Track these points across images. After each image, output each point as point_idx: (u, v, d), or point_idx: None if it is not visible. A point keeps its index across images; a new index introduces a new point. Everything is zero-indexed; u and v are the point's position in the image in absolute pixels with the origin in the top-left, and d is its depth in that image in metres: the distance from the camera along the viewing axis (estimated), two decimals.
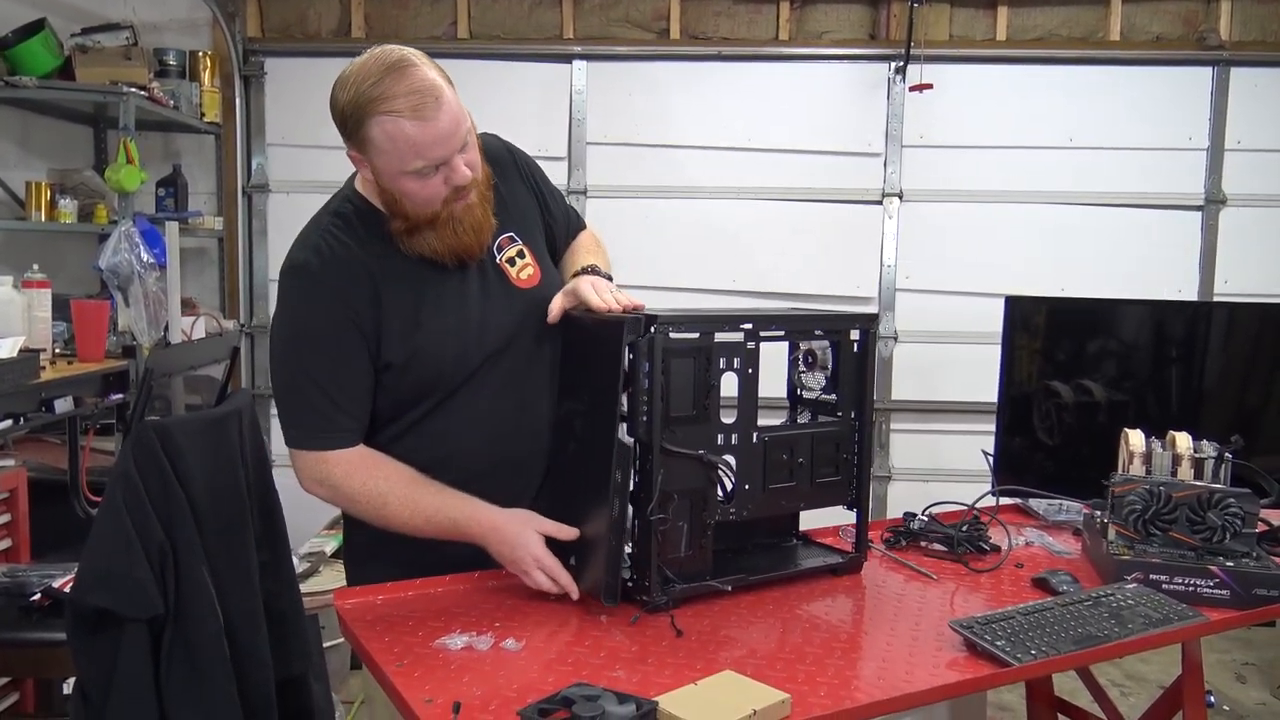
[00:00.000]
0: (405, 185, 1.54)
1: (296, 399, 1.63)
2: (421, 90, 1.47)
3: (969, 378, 4.15)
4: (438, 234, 1.59)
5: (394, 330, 1.61)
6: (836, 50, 4.24)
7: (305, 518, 3.85)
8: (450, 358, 1.64)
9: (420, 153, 1.50)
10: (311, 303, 1.60)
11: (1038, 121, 4.21)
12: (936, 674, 1.41)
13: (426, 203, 1.56)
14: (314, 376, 1.60)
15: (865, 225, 4.26)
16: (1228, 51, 4.16)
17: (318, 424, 1.61)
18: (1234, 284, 4.20)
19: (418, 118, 1.47)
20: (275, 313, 1.68)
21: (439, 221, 1.58)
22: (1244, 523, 1.78)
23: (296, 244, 1.65)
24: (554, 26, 4.28)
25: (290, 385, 1.63)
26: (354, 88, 1.51)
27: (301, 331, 1.62)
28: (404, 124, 1.47)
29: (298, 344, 1.62)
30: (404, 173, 1.53)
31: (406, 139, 1.48)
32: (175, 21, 4.27)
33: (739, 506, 1.68)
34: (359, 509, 1.64)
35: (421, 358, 1.62)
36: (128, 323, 3.30)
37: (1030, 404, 2.35)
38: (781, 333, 1.74)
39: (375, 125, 1.49)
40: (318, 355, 1.60)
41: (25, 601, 2.21)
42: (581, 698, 1.23)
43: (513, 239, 1.73)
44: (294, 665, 1.88)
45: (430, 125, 1.48)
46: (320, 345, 1.60)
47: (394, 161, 1.52)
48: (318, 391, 1.60)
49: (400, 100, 1.47)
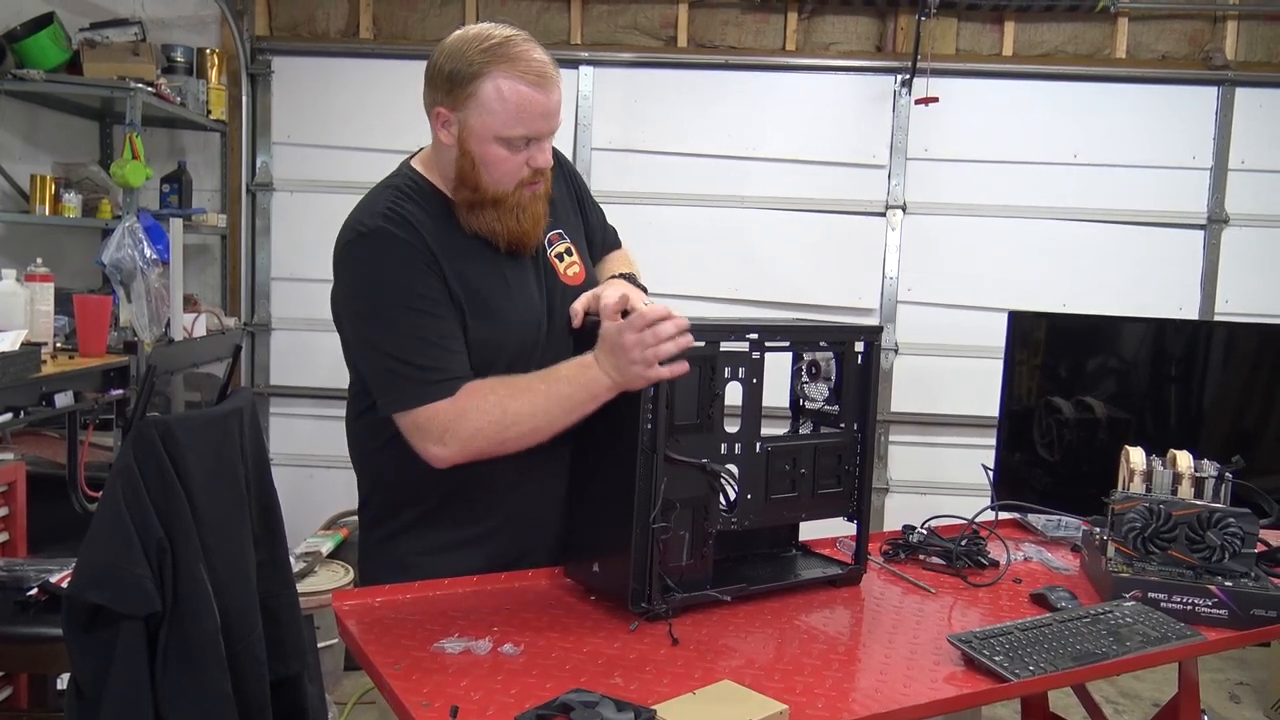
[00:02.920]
0: (493, 151, 1.56)
1: (397, 360, 1.57)
2: (545, 64, 1.55)
3: (968, 391, 4.16)
4: (500, 215, 1.61)
5: (462, 305, 1.61)
6: (843, 62, 4.25)
7: (302, 518, 3.86)
8: (515, 344, 1.64)
9: (525, 120, 1.54)
10: (395, 260, 1.57)
11: (1042, 137, 4.22)
12: (934, 688, 1.41)
13: (504, 177, 1.58)
14: (413, 333, 1.56)
15: (868, 236, 4.27)
16: (1233, 71, 4.17)
17: (429, 377, 1.56)
18: (1235, 303, 4.21)
19: (537, 86, 1.53)
20: (348, 284, 1.63)
21: (505, 203, 1.60)
22: (1243, 543, 1.78)
23: (359, 214, 1.62)
24: (561, 31, 4.29)
25: (389, 347, 1.58)
26: (477, 44, 1.54)
27: (390, 291, 1.57)
28: (522, 87, 1.52)
29: (388, 304, 1.57)
30: (499, 137, 1.55)
31: (520, 101, 1.53)
32: (184, 18, 4.29)
33: (740, 516, 1.68)
34: (484, 438, 1.57)
35: (489, 341, 1.62)
36: (129, 318, 3.30)
37: (1031, 419, 2.36)
38: (786, 343, 1.75)
39: (492, 81, 1.52)
40: (413, 312, 1.56)
41: (22, 596, 2.20)
42: (580, 704, 1.22)
43: (561, 235, 1.77)
44: (290, 665, 1.88)
45: (545, 96, 1.54)
46: (413, 300, 1.56)
47: (496, 121, 1.54)
48: (419, 348, 1.56)
49: (525, 64, 1.52)
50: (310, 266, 4.36)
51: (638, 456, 1.54)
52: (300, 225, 4.38)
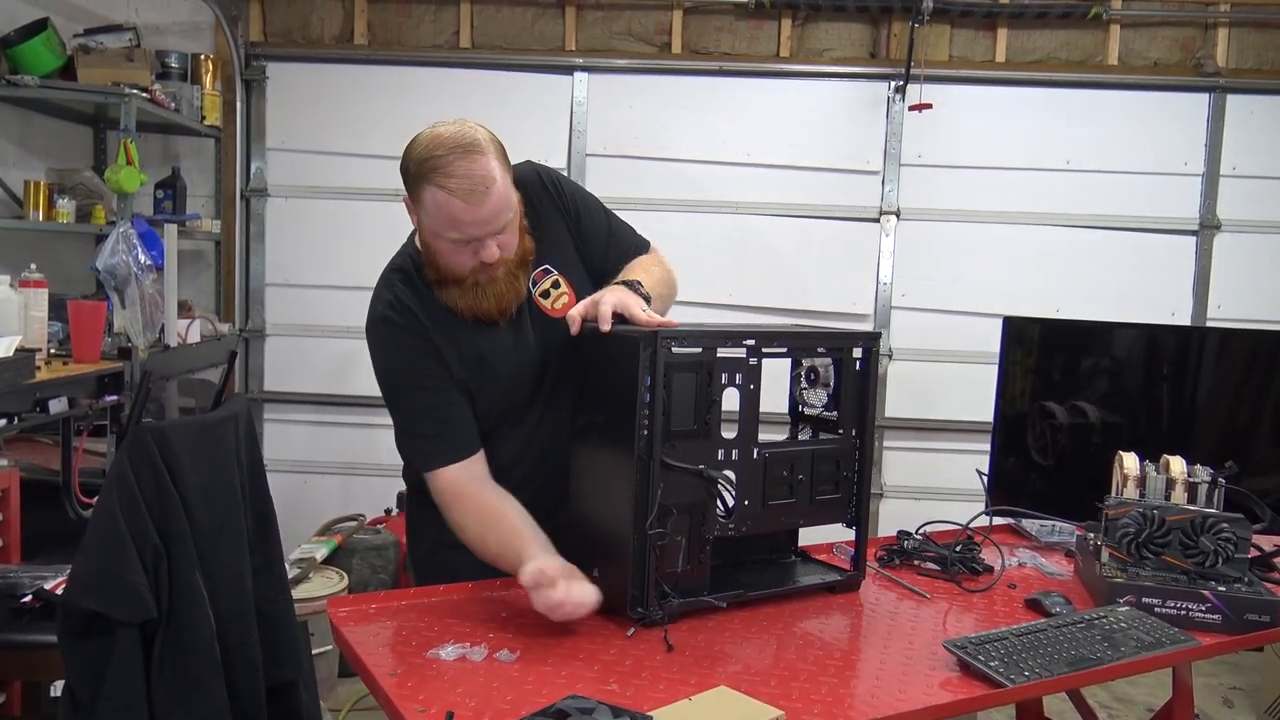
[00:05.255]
0: (439, 245, 1.72)
1: (409, 435, 1.81)
2: (476, 178, 1.63)
3: (962, 396, 4.17)
4: (462, 292, 1.75)
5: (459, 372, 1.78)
6: (837, 68, 4.27)
7: (297, 524, 3.85)
8: (501, 405, 1.82)
9: (457, 228, 1.67)
10: (397, 349, 1.79)
11: (1035, 143, 4.24)
12: (930, 693, 1.41)
13: (454, 265, 1.73)
14: (411, 412, 1.79)
15: (862, 242, 4.28)
16: (1224, 78, 4.20)
17: (421, 449, 1.80)
18: (1227, 309, 4.23)
19: (467, 199, 1.64)
20: (373, 364, 1.84)
21: (464, 283, 1.74)
22: (1236, 548, 1.79)
23: (373, 302, 1.84)
24: (556, 38, 4.30)
25: (401, 424, 1.81)
26: (426, 150, 1.66)
27: (394, 376, 1.80)
28: (454, 200, 1.64)
29: (393, 385, 1.81)
30: (439, 236, 1.70)
31: (450, 213, 1.65)
32: (178, 24, 4.28)
33: (738, 522, 1.68)
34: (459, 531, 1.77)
35: (481, 400, 1.81)
36: (123, 324, 3.29)
37: (1025, 424, 2.36)
38: (784, 349, 1.75)
39: (429, 191, 1.65)
40: (411, 393, 1.79)
41: (16, 603, 2.19)
42: (576, 710, 1.22)
43: (547, 271, 1.84)
44: (285, 671, 1.88)
45: (472, 209, 1.64)
46: (413, 384, 1.78)
47: (434, 224, 1.69)
48: (417, 424, 1.79)
49: (455, 181, 1.63)
50: (304, 272, 4.36)
51: (635, 462, 1.54)
52: (294, 231, 4.38)
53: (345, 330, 4.21)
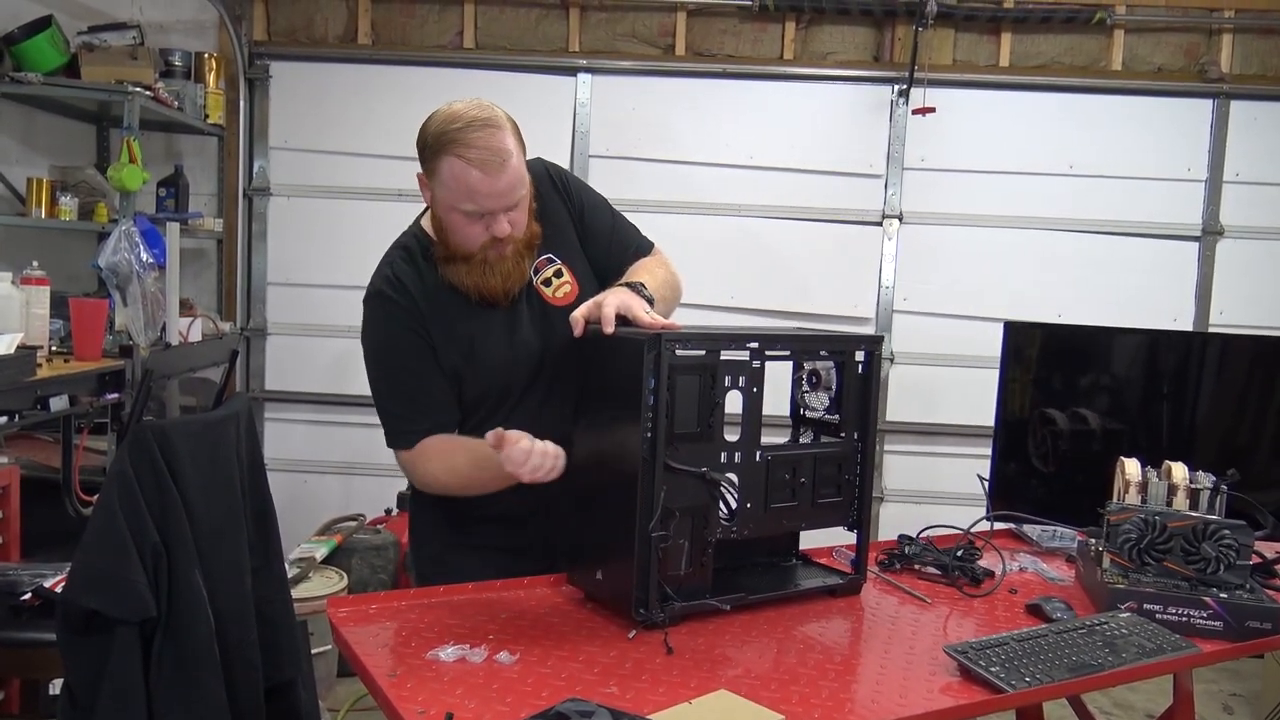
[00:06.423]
0: (453, 219, 1.75)
1: (381, 406, 1.85)
2: (495, 150, 1.67)
3: (964, 401, 4.16)
4: (469, 270, 1.77)
5: (449, 354, 1.81)
6: (841, 71, 4.27)
7: (297, 523, 3.85)
8: (498, 387, 1.83)
9: (473, 199, 1.70)
10: (385, 325, 1.82)
11: (1038, 148, 4.23)
12: (930, 698, 1.41)
13: (466, 240, 1.75)
14: (391, 388, 1.83)
15: (864, 246, 4.28)
16: (1228, 84, 4.19)
17: (395, 427, 1.84)
18: (1229, 315, 4.22)
19: (484, 169, 1.67)
20: (361, 333, 1.87)
21: (473, 260, 1.77)
22: (1238, 554, 1.78)
23: (373, 276, 1.86)
24: (560, 39, 4.30)
25: (376, 394, 1.86)
26: (444, 123, 1.70)
27: (379, 349, 1.84)
28: (472, 170, 1.67)
29: (377, 360, 1.85)
30: (454, 209, 1.73)
31: (469, 183, 1.68)
32: (182, 23, 4.29)
33: (740, 525, 1.68)
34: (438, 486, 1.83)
35: (472, 383, 1.83)
36: (125, 322, 3.29)
37: (1026, 429, 2.36)
38: (787, 352, 1.75)
39: (446, 162, 1.68)
40: (393, 370, 1.82)
41: (15, 601, 2.19)
42: (575, 713, 1.22)
43: (550, 260, 1.86)
44: (284, 670, 1.87)
45: (489, 180, 1.68)
46: (393, 362, 1.82)
47: (450, 196, 1.72)
48: (394, 401, 1.83)
49: (474, 151, 1.66)
50: (306, 271, 4.36)
51: (638, 464, 1.54)
52: (297, 230, 4.37)
53: (347, 330, 4.19)
